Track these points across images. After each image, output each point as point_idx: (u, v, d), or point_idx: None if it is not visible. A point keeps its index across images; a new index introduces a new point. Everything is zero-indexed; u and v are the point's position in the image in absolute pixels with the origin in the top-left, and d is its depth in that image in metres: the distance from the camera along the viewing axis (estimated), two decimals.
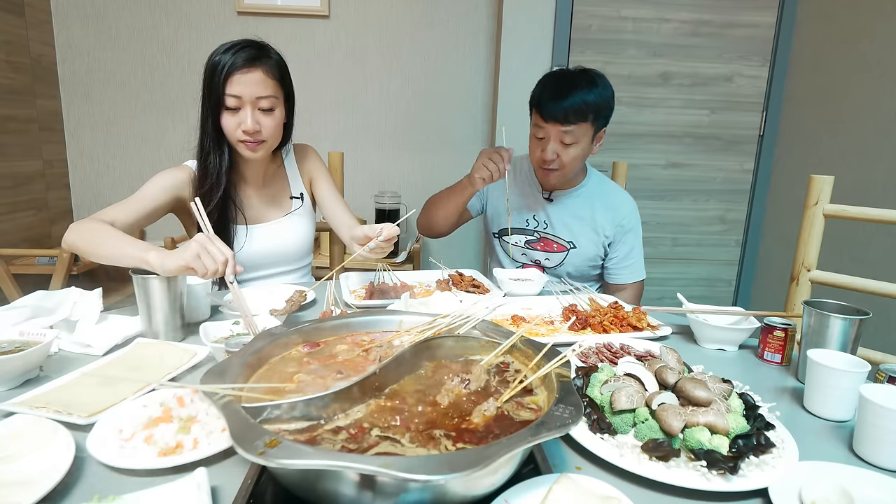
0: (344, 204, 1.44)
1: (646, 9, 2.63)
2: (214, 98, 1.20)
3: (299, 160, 1.47)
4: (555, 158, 1.39)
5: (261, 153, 1.28)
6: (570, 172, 1.45)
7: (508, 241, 1.58)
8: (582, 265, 1.54)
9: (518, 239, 1.57)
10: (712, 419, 0.65)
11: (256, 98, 1.21)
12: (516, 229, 1.57)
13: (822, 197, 1.22)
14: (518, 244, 1.58)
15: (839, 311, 0.87)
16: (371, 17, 2.70)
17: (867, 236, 2.15)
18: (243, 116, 1.21)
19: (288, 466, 0.44)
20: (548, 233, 1.54)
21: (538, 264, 1.57)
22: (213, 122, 1.23)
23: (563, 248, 1.53)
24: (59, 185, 2.72)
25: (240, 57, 1.18)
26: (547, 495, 0.52)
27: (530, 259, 1.58)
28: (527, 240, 1.57)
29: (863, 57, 2.22)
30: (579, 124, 1.35)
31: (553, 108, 1.34)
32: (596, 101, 1.34)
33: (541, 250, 1.56)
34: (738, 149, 2.80)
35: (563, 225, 1.53)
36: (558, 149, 1.38)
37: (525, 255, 1.58)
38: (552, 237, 1.54)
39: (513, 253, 1.59)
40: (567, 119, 1.34)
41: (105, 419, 0.66)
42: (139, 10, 2.61)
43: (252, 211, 1.38)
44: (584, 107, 1.33)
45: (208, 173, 1.27)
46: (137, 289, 0.95)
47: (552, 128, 1.36)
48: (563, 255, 1.53)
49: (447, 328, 0.78)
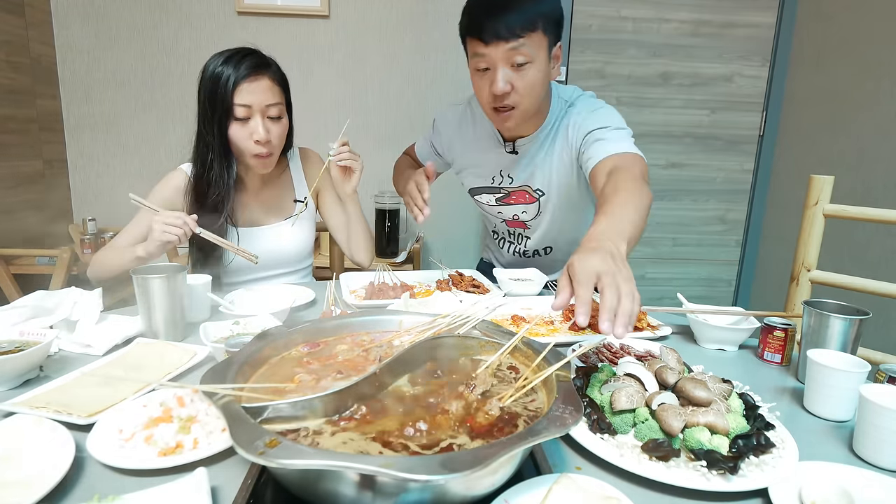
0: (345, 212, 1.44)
1: (646, 9, 2.63)
2: (222, 109, 1.18)
3: (305, 165, 1.47)
4: (508, 90, 1.11)
5: (270, 166, 1.29)
6: (532, 106, 1.16)
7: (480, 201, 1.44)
8: (560, 203, 1.34)
9: (488, 198, 1.42)
10: (712, 419, 0.65)
11: (266, 106, 1.20)
12: (483, 188, 1.42)
13: (822, 197, 1.22)
14: (490, 203, 1.43)
15: (839, 311, 0.86)
16: (371, 17, 2.70)
17: (867, 236, 2.15)
18: (254, 126, 1.20)
19: (288, 466, 0.44)
20: (514, 186, 1.37)
21: (517, 219, 1.43)
22: (220, 135, 1.20)
23: (533, 198, 1.35)
24: (59, 185, 2.72)
25: (244, 66, 1.17)
26: (547, 495, 0.52)
27: (508, 216, 1.44)
28: (496, 197, 1.41)
29: (863, 57, 2.22)
30: (529, 35, 1.06)
31: (492, 21, 1.05)
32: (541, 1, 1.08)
33: (514, 204, 1.39)
34: (738, 149, 2.81)
35: (530, 175, 1.32)
36: (510, 76, 1.10)
37: (501, 212, 1.44)
38: (521, 189, 1.36)
39: (489, 210, 1.46)
40: (512, 31, 1.05)
41: (105, 419, 0.66)
42: (139, 10, 2.61)
43: (251, 215, 1.37)
44: (530, 8, 1.06)
45: (213, 185, 1.25)
46: (137, 289, 0.95)
47: (495, 49, 1.07)
48: (535, 205, 1.37)
49: (447, 328, 0.78)
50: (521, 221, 1.44)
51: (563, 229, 1.43)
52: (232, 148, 1.24)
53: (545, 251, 1.51)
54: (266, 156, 1.24)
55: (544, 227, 1.42)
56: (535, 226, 1.44)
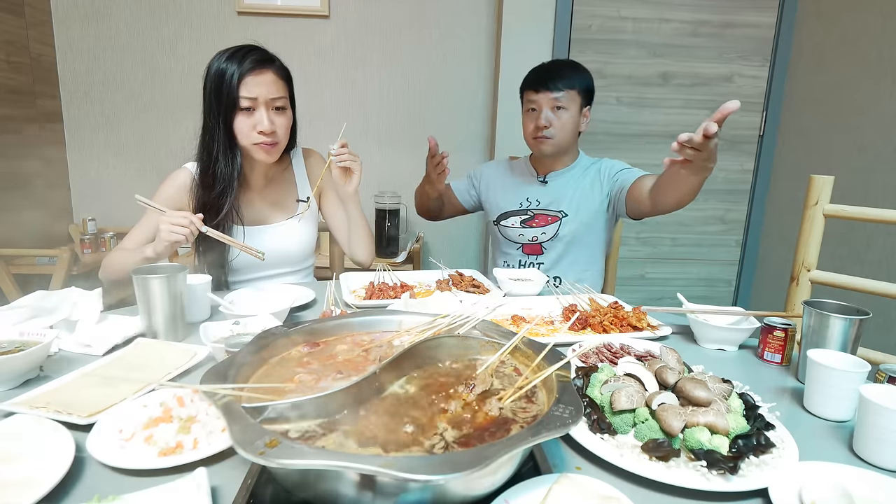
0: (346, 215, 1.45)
1: (646, 9, 2.63)
2: (228, 102, 1.21)
3: (308, 165, 1.48)
4: (548, 125, 1.52)
5: (275, 155, 1.29)
6: (563, 141, 1.55)
7: (505, 226, 1.67)
8: (578, 228, 1.61)
9: (514, 221, 1.66)
10: (712, 419, 0.65)
11: (271, 98, 1.23)
12: (511, 212, 1.67)
13: (822, 197, 1.22)
14: (515, 226, 1.66)
15: (839, 311, 0.86)
16: (371, 17, 2.70)
17: (867, 236, 2.15)
18: (259, 117, 1.23)
19: (288, 466, 0.44)
20: (540, 209, 1.64)
21: (535, 241, 1.64)
22: (225, 127, 1.23)
23: (555, 218, 1.62)
24: (59, 185, 2.72)
25: (249, 60, 1.21)
26: (547, 495, 0.52)
27: (528, 238, 1.65)
28: (521, 219, 1.66)
29: (863, 57, 2.22)
30: (567, 91, 1.51)
31: (543, 78, 1.52)
32: (580, 76, 1.54)
33: (536, 226, 1.64)
34: (738, 149, 2.80)
35: (555, 199, 1.62)
36: (550, 115, 1.53)
37: (522, 235, 1.66)
38: (544, 211, 1.63)
39: (510, 235, 1.68)
40: (556, 86, 1.51)
41: (105, 419, 0.66)
42: (139, 11, 2.62)
43: (255, 213, 1.38)
44: (570, 76, 1.52)
45: (218, 178, 1.27)
46: (137, 289, 0.95)
47: (543, 96, 1.52)
48: (556, 225, 1.61)
49: (447, 328, 0.78)
50: (539, 244, 1.64)
51: (575, 260, 1.63)
52: (237, 140, 1.26)
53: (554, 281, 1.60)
54: (271, 145, 1.26)
55: (556, 253, 1.62)
56: (550, 248, 1.64)
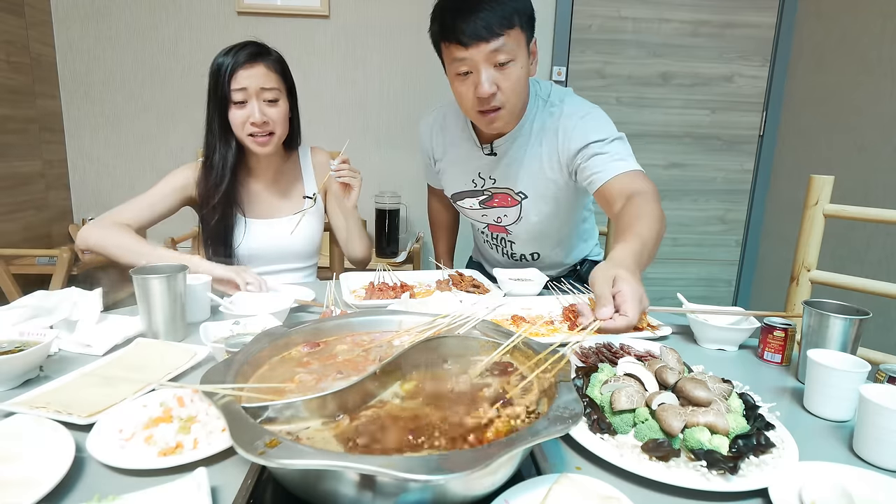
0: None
1: (646, 9, 2.63)
2: (221, 95, 1.26)
3: (315, 162, 1.51)
4: (494, 91, 1.09)
5: (271, 147, 1.32)
6: (518, 105, 1.17)
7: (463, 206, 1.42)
8: (543, 210, 1.33)
9: (471, 202, 1.40)
10: (712, 419, 0.65)
11: (261, 89, 1.27)
12: (465, 192, 1.40)
13: (822, 197, 1.22)
14: (474, 207, 1.40)
15: (839, 311, 0.86)
16: (371, 17, 2.70)
17: (867, 236, 2.15)
18: (251, 109, 1.26)
19: (288, 466, 0.44)
20: (496, 187, 1.34)
21: (500, 223, 1.41)
22: (221, 119, 1.28)
23: (515, 201, 1.33)
24: (59, 185, 2.72)
25: (241, 55, 1.25)
26: (547, 495, 0.52)
27: (492, 219, 1.42)
28: (479, 200, 1.38)
29: (863, 57, 2.22)
30: (508, 32, 1.05)
31: (470, 23, 1.02)
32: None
33: (497, 206, 1.37)
34: (738, 149, 2.81)
35: (509, 175, 1.30)
36: (494, 76, 1.08)
37: (485, 215, 1.42)
38: (502, 190, 1.34)
39: (472, 216, 1.44)
40: (492, 30, 1.03)
41: (105, 419, 0.66)
42: (139, 11, 2.61)
43: (261, 206, 1.41)
44: (506, 5, 1.04)
45: (214, 167, 1.32)
46: (137, 289, 0.95)
47: (476, 51, 1.05)
48: (517, 208, 1.35)
49: (447, 328, 0.78)
50: (503, 227, 1.42)
51: (548, 233, 1.42)
52: (234, 133, 1.30)
53: (532, 256, 1.51)
54: (264, 136, 1.29)
55: (526, 233, 1.41)
56: (517, 231, 1.41)
